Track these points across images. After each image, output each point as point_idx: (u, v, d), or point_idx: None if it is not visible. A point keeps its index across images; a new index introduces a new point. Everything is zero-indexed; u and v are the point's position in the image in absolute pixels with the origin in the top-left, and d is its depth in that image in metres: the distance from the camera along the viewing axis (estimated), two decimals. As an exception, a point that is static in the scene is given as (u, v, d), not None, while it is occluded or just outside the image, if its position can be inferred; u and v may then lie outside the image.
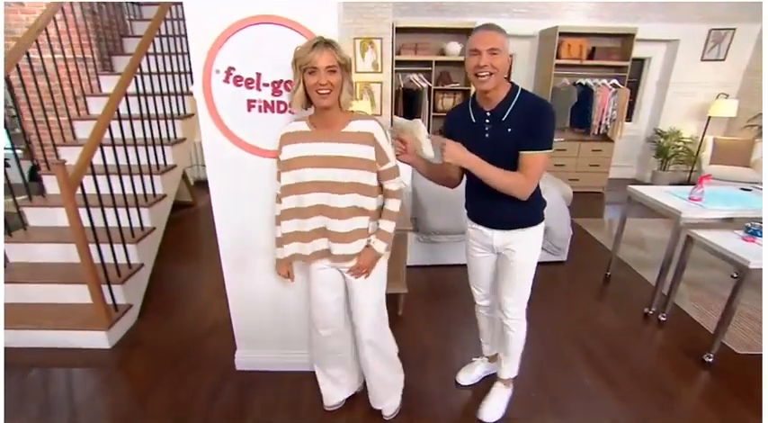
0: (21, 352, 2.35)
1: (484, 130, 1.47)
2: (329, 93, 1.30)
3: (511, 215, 1.58)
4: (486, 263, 1.77)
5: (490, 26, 1.37)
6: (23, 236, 2.80)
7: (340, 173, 1.39)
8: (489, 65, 1.34)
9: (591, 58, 4.95)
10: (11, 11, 3.60)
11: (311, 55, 1.26)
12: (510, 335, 1.79)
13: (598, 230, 4.17)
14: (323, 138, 1.40)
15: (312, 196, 1.43)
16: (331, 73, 1.29)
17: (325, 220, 1.47)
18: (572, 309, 2.79)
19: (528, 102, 1.43)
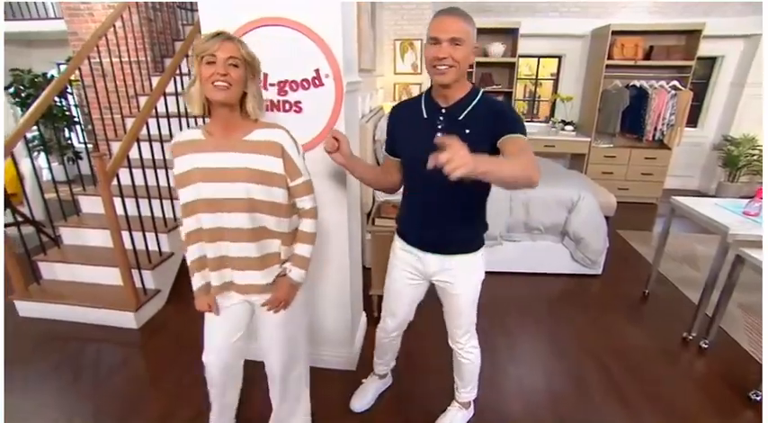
0: (64, 324, 2.61)
1: (436, 128, 1.27)
2: (227, 86, 1.11)
3: (452, 237, 1.40)
4: (414, 291, 1.57)
5: (455, 10, 1.18)
6: (76, 221, 3.08)
7: (238, 188, 1.19)
8: (450, 57, 1.16)
9: (647, 58, 4.58)
10: (82, 20, 3.99)
11: (210, 43, 1.10)
12: (466, 363, 1.65)
13: (643, 244, 3.85)
14: (219, 147, 1.20)
15: (210, 217, 1.23)
16: (232, 66, 1.12)
17: (227, 245, 1.26)
18: (599, 326, 2.60)
19: (489, 104, 1.26)
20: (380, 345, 1.83)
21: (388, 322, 1.70)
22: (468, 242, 1.44)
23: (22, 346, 2.42)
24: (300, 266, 1.34)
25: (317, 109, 1.65)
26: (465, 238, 1.43)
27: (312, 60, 1.58)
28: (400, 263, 1.54)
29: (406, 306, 1.63)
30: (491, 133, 1.20)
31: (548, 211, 3.13)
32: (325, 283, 2.00)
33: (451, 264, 1.44)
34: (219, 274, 1.30)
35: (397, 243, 1.55)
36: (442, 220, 1.38)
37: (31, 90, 5.46)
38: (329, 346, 2.12)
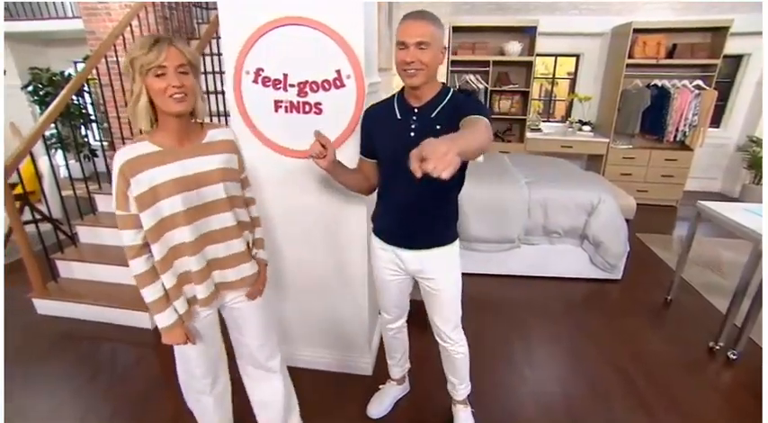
0: (80, 323, 2.63)
1: (410, 128, 1.31)
2: (185, 96, 1.07)
3: (428, 231, 1.43)
4: (399, 285, 1.59)
5: (421, 14, 1.20)
6: (92, 220, 3.09)
7: (218, 189, 1.20)
8: (417, 61, 1.19)
9: (670, 57, 4.45)
10: (100, 19, 4.02)
11: (155, 53, 1.01)
12: (458, 358, 1.66)
13: (664, 248, 3.75)
14: (184, 154, 1.15)
15: (192, 227, 1.17)
16: (183, 74, 1.06)
17: (215, 249, 1.24)
18: (620, 332, 2.53)
19: (458, 100, 1.30)
20: (387, 342, 1.85)
21: (386, 316, 1.74)
22: (443, 235, 1.47)
23: (39, 344, 2.44)
24: (263, 247, 1.42)
25: (338, 110, 1.61)
26: (440, 231, 1.46)
27: (333, 61, 1.54)
28: (380, 261, 1.56)
29: (397, 299, 1.66)
30: (456, 120, 1.20)
31: (567, 213, 3.06)
32: (342, 288, 1.97)
33: (429, 258, 1.46)
34: (206, 284, 1.24)
35: (375, 243, 1.57)
36: (417, 216, 1.42)
37: (49, 88, 5.52)
38: (345, 350, 2.10)
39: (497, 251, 3.11)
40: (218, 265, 1.27)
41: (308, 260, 1.93)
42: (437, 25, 1.21)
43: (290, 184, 1.78)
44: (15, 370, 2.21)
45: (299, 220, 1.86)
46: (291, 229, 1.89)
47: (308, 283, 1.98)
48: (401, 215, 1.44)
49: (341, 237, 1.86)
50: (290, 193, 1.80)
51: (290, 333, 2.12)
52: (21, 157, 2.51)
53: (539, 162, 3.89)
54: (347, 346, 2.09)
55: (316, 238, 1.88)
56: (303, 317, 2.06)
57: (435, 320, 1.59)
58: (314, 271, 1.95)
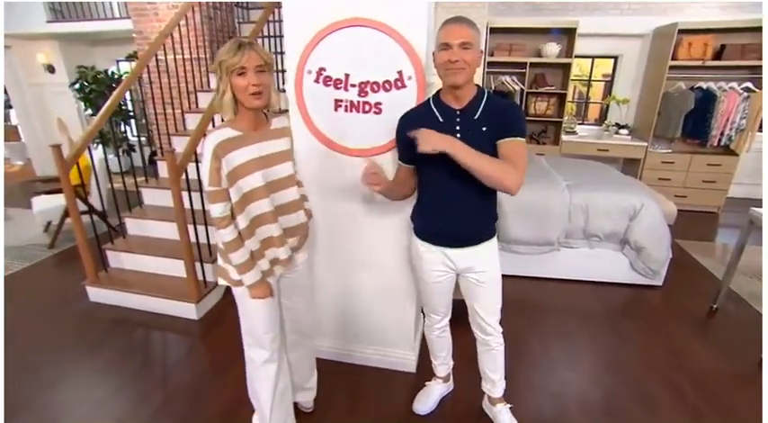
0: (129, 312, 2.73)
1: (455, 130, 1.35)
2: (262, 93, 1.27)
3: (472, 229, 1.49)
4: (447, 284, 1.63)
5: (461, 19, 1.29)
6: (139, 212, 3.21)
7: (288, 167, 1.42)
8: (461, 60, 1.26)
9: (717, 58, 4.30)
10: (148, 20, 4.16)
11: (239, 56, 1.21)
12: (497, 351, 1.70)
13: (705, 255, 3.64)
14: (260, 138, 1.36)
15: (269, 199, 1.37)
16: (260, 73, 1.25)
17: (287, 219, 1.45)
18: (663, 341, 2.47)
19: (497, 102, 1.38)
20: (430, 341, 1.88)
21: (433, 317, 1.77)
22: (490, 229, 1.53)
23: (93, 331, 2.55)
24: (311, 216, 1.62)
25: (397, 111, 1.61)
26: (487, 226, 1.52)
27: (396, 62, 1.57)
28: (427, 264, 1.58)
29: (444, 299, 1.69)
30: (501, 129, 1.33)
31: (608, 218, 3.01)
32: (390, 283, 1.99)
33: (479, 253, 1.51)
34: (285, 248, 1.44)
35: (420, 246, 1.58)
36: (467, 215, 1.46)
37: (93, 86, 5.75)
38: (390, 346, 2.12)
39: (537, 253, 3.09)
40: (291, 233, 1.47)
41: (357, 258, 1.96)
42: (476, 30, 1.30)
43: (343, 180, 1.82)
44: (72, 356, 2.32)
45: (351, 216, 1.89)
46: (342, 226, 1.92)
47: (358, 281, 2.01)
48: (451, 216, 1.47)
49: (389, 235, 1.89)
50: (344, 189, 1.84)
51: (338, 330, 2.16)
52: (81, 152, 2.63)
53: (576, 165, 3.83)
54: (392, 343, 2.11)
55: (366, 235, 1.91)
56: (350, 314, 2.10)
57: (480, 312, 1.62)
58: (363, 268, 1.98)
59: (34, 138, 6.35)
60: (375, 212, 1.87)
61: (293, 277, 1.58)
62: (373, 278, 1.99)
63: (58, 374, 2.17)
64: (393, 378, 2.11)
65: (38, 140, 6.36)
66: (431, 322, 1.79)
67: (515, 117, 1.36)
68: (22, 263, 3.41)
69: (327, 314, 2.13)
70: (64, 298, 2.88)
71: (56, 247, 3.69)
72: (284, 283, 1.57)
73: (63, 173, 2.55)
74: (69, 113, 6.14)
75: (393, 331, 2.08)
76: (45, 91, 6.17)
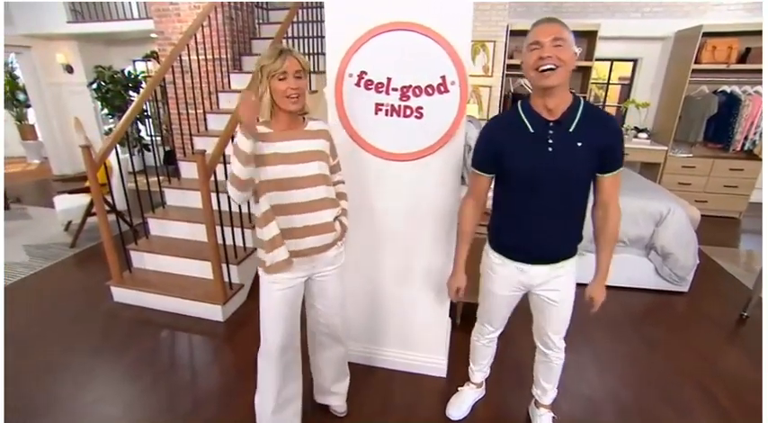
0: (154, 312, 2.73)
1: (547, 143, 1.25)
2: (298, 97, 1.34)
3: (562, 244, 1.42)
4: (512, 300, 1.58)
5: (551, 18, 1.21)
6: (162, 213, 3.22)
7: (313, 166, 1.41)
8: (554, 56, 1.14)
9: (742, 61, 4.25)
10: (169, 20, 4.18)
11: (280, 61, 1.28)
12: (556, 364, 1.67)
13: (730, 262, 3.60)
14: (287, 137, 1.40)
15: (288, 193, 1.39)
16: (298, 78, 1.32)
17: (304, 217, 1.43)
18: (693, 349, 2.43)
19: (596, 114, 1.27)
20: (476, 348, 1.84)
21: (487, 327, 1.72)
22: (572, 248, 1.45)
23: (119, 332, 2.56)
24: (346, 215, 1.58)
25: (439, 116, 1.62)
26: (570, 244, 1.44)
27: (439, 66, 1.56)
28: (500, 278, 1.52)
29: (504, 313, 1.65)
30: (599, 153, 1.26)
31: (634, 223, 2.97)
32: (424, 287, 1.98)
33: (559, 271, 1.44)
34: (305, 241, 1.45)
35: (495, 259, 1.51)
36: (553, 229, 1.37)
37: (110, 85, 5.79)
38: (422, 351, 2.11)
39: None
40: (311, 231, 1.44)
41: (393, 263, 1.95)
42: (569, 31, 1.19)
43: (381, 185, 1.81)
44: (101, 356, 2.32)
45: (387, 221, 1.88)
46: (378, 230, 1.91)
47: (391, 284, 2.00)
48: (533, 230, 1.37)
49: (426, 240, 1.88)
50: (381, 194, 1.83)
51: (368, 333, 2.14)
52: (108, 153, 2.63)
53: (598, 169, 3.80)
54: (424, 348, 2.10)
55: (401, 241, 1.90)
56: (382, 317, 2.09)
57: (546, 330, 1.58)
58: (397, 272, 1.97)
59: (51, 137, 6.40)
60: (411, 217, 1.85)
61: (323, 280, 1.57)
62: (407, 282, 1.97)
63: (88, 374, 2.17)
64: (423, 382, 2.10)
65: (55, 139, 6.41)
66: (482, 331, 1.75)
67: (620, 141, 1.28)
68: (46, 261, 3.43)
69: (358, 317, 2.11)
70: (89, 298, 2.89)
71: (77, 247, 3.71)
72: (313, 285, 1.58)
73: (92, 173, 2.55)
74: (86, 113, 6.19)
75: (425, 335, 2.07)
76: (63, 91, 6.22)
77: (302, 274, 1.51)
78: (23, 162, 7.39)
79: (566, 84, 1.22)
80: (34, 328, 2.56)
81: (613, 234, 1.38)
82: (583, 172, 1.28)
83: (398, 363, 2.14)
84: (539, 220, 1.35)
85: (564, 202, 1.31)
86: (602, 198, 1.34)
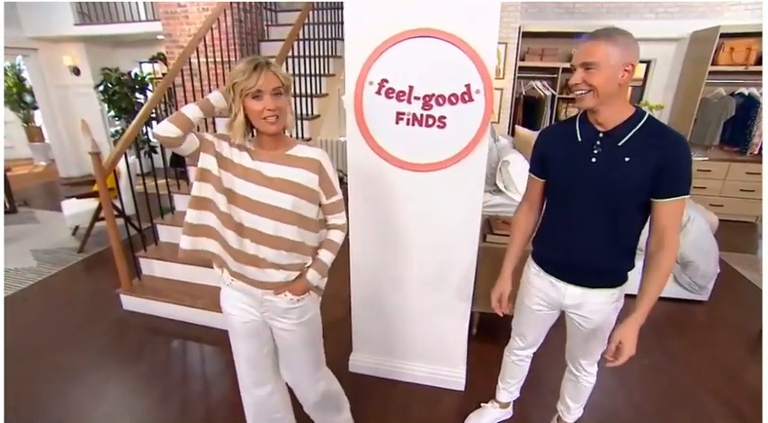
0: (164, 321, 2.69)
1: (591, 153, 1.21)
2: (277, 119, 1.15)
3: (601, 268, 1.29)
4: (546, 318, 1.51)
5: (595, 34, 1.12)
6: (171, 219, 3.17)
7: (283, 198, 1.21)
8: (582, 82, 1.13)
9: (760, 63, 4.16)
10: (177, 23, 4.14)
11: (254, 78, 1.09)
12: (586, 387, 1.61)
13: (750, 269, 3.51)
14: (265, 157, 1.22)
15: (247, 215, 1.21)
16: (277, 96, 1.14)
17: (258, 248, 1.23)
18: (718, 361, 2.37)
19: (657, 131, 1.16)
20: (505, 364, 1.77)
21: (518, 342, 1.66)
22: (614, 275, 1.33)
23: (130, 340, 2.52)
24: (319, 271, 1.33)
25: (462, 125, 1.57)
26: (612, 269, 1.32)
27: (464, 75, 1.50)
28: (533, 289, 1.47)
29: (537, 329, 1.58)
30: (653, 173, 1.14)
31: (653, 230, 2.91)
32: (443, 299, 1.92)
33: (592, 297, 1.34)
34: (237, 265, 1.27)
35: (532, 268, 1.48)
36: (591, 247, 1.28)
37: (116, 88, 5.76)
38: (440, 364, 2.06)
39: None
40: (256, 262, 1.24)
41: (413, 275, 1.90)
42: (614, 43, 1.09)
43: (400, 196, 1.76)
44: (111, 367, 2.28)
45: (406, 233, 1.82)
46: (397, 242, 1.86)
47: (411, 296, 1.95)
48: (567, 243, 1.31)
49: (447, 252, 1.82)
50: (401, 205, 1.78)
51: (385, 346, 2.10)
52: (118, 158, 2.59)
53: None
54: (442, 361, 2.05)
55: (421, 252, 1.85)
56: (398, 330, 2.03)
57: (576, 353, 1.53)
58: (414, 283, 1.92)
59: (58, 139, 6.39)
60: (431, 228, 1.80)
61: (280, 334, 1.37)
62: (427, 294, 1.92)
63: (103, 384, 2.14)
64: (441, 396, 2.05)
65: (62, 141, 6.39)
66: (513, 345, 1.69)
67: (684, 163, 1.14)
68: (55, 267, 3.40)
69: (375, 330, 2.07)
70: (98, 305, 2.85)
71: (85, 252, 3.67)
72: (275, 336, 1.40)
73: (101, 179, 2.51)
74: (92, 115, 6.16)
75: (443, 348, 2.02)
76: (69, 93, 6.20)
77: (252, 308, 1.32)
78: (30, 164, 7.38)
79: (614, 100, 1.16)
80: (44, 336, 2.52)
81: (665, 268, 1.19)
82: (628, 189, 1.18)
83: (416, 376, 2.09)
84: (573, 233, 1.29)
85: (603, 220, 1.23)
86: (657, 226, 1.20)
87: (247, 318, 1.34)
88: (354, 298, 2.03)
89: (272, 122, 1.15)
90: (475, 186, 1.67)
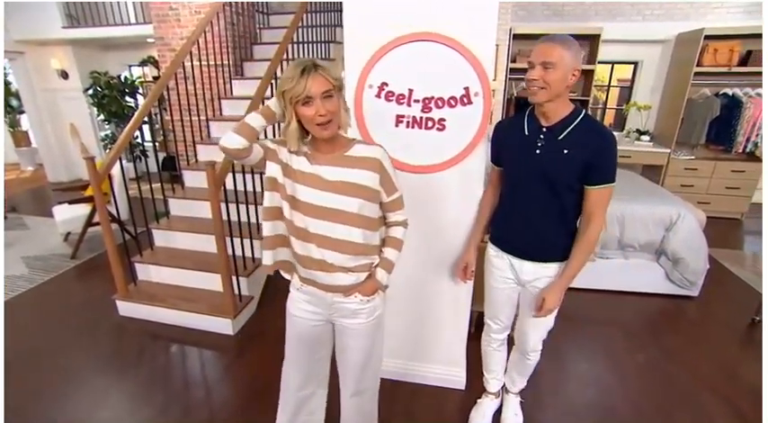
0: (162, 327, 2.67)
1: (536, 145, 1.36)
2: (329, 122, 1.13)
3: (549, 244, 1.46)
4: (510, 294, 1.62)
5: (553, 37, 1.26)
6: (166, 223, 3.15)
7: (349, 201, 1.20)
8: (540, 79, 1.25)
9: (743, 64, 4.28)
10: (169, 26, 4.11)
11: (303, 83, 1.08)
12: (530, 363, 1.75)
13: (737, 264, 3.61)
14: (324, 161, 1.21)
15: (316, 222, 1.22)
16: (327, 99, 1.11)
17: (327, 253, 1.24)
18: (711, 355, 2.43)
19: (590, 127, 1.32)
20: (486, 354, 1.87)
21: (492, 326, 1.76)
22: (561, 250, 1.46)
23: (128, 347, 2.50)
24: (386, 269, 1.34)
25: (461, 127, 1.60)
26: (562, 244, 1.46)
27: (463, 78, 1.53)
28: (494, 269, 1.60)
29: (507, 309, 1.67)
30: (586, 164, 1.30)
31: (644, 228, 2.97)
32: (442, 300, 1.95)
33: (547, 272, 1.48)
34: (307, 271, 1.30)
35: (491, 250, 1.61)
36: (539, 227, 1.44)
37: (106, 91, 5.70)
38: (442, 363, 2.08)
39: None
40: (324, 267, 1.25)
41: (413, 275, 1.91)
42: (568, 48, 1.24)
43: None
44: (110, 375, 2.26)
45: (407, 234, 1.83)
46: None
47: (411, 297, 1.97)
48: (520, 224, 1.47)
49: (446, 253, 1.84)
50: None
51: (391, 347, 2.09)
52: (113, 163, 2.57)
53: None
54: (444, 360, 2.07)
55: (421, 254, 1.87)
56: (404, 331, 2.05)
57: (524, 327, 1.64)
58: (418, 285, 1.94)
59: (46, 143, 6.28)
60: (431, 229, 1.82)
61: (345, 333, 1.38)
62: (427, 294, 1.94)
63: (103, 393, 2.12)
64: (444, 395, 2.07)
65: (50, 146, 6.29)
66: (488, 331, 1.79)
67: (611, 156, 1.31)
68: (47, 274, 3.35)
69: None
70: (94, 312, 2.82)
71: (77, 258, 3.63)
72: (338, 332, 1.41)
73: (96, 184, 2.49)
74: (82, 119, 6.09)
75: (444, 348, 2.04)
76: (57, 96, 6.10)
77: (319, 310, 1.33)
78: (17, 169, 7.25)
79: (560, 98, 1.31)
80: (40, 345, 2.49)
81: (587, 243, 1.39)
82: (566, 178, 1.34)
83: (418, 376, 2.11)
84: (526, 215, 1.45)
85: (547, 203, 1.39)
86: (587, 209, 1.38)
87: (314, 321, 1.35)
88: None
89: (324, 126, 1.13)
90: (474, 187, 1.70)
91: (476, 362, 2.14)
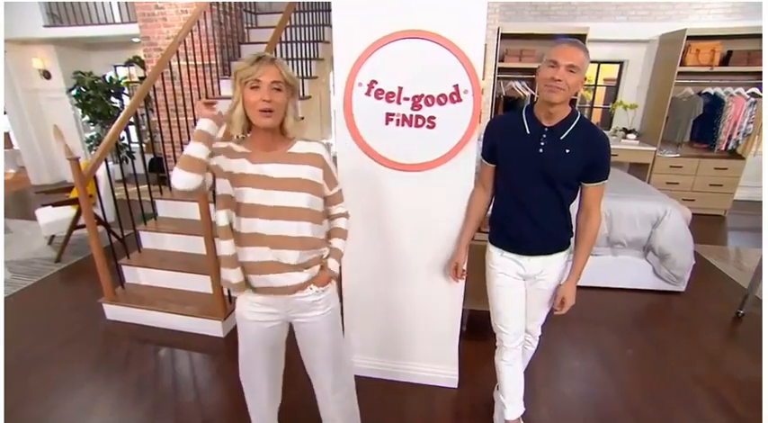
0: (150, 330, 2.62)
1: (539, 144, 1.39)
2: (272, 112, 1.13)
3: (553, 238, 1.51)
4: (518, 292, 1.60)
5: (576, 42, 1.32)
6: (154, 225, 3.11)
7: (296, 197, 1.21)
8: (564, 81, 1.28)
9: (724, 64, 4.38)
10: (155, 25, 4.05)
11: (255, 67, 1.10)
12: (531, 351, 1.79)
13: (721, 259, 3.68)
14: (267, 159, 1.20)
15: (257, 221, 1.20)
16: (275, 91, 1.13)
17: (279, 253, 1.23)
18: (698, 348, 2.47)
19: (588, 128, 1.40)
20: (501, 372, 1.69)
21: (503, 332, 1.64)
22: (566, 239, 1.54)
23: (117, 351, 2.46)
24: (337, 258, 1.37)
25: (452, 125, 1.60)
26: (564, 235, 1.53)
27: (452, 75, 1.54)
28: (499, 268, 1.59)
29: (519, 308, 1.62)
30: (586, 163, 1.38)
31: (632, 225, 3.01)
32: (433, 298, 1.95)
33: (553, 263, 1.54)
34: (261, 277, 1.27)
35: (494, 252, 1.59)
36: (544, 224, 1.47)
37: (90, 92, 5.59)
38: (435, 362, 2.08)
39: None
40: (273, 268, 1.24)
41: (405, 274, 1.92)
42: (587, 55, 1.32)
43: (391, 196, 1.78)
44: (98, 380, 2.22)
45: (397, 232, 1.84)
46: (388, 242, 1.87)
47: (402, 295, 1.97)
48: (526, 222, 1.48)
49: (437, 251, 1.85)
50: (392, 204, 1.80)
51: (378, 346, 2.11)
52: (98, 165, 2.53)
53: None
54: (435, 359, 2.07)
55: (412, 252, 1.87)
56: (391, 330, 2.05)
57: (530, 315, 1.66)
58: (405, 283, 1.94)
59: (28, 145, 6.15)
60: (422, 227, 1.82)
61: (305, 327, 1.37)
62: (418, 293, 1.94)
63: (93, 398, 2.08)
64: (435, 394, 2.07)
65: (32, 148, 6.17)
66: (500, 341, 1.66)
67: (606, 156, 1.39)
68: (31, 278, 3.27)
69: (368, 331, 2.08)
70: (80, 316, 2.77)
71: (62, 262, 3.56)
72: (296, 332, 1.40)
73: (81, 186, 2.44)
74: (65, 120, 5.97)
75: (436, 347, 2.04)
76: (40, 97, 5.98)
77: (275, 310, 1.32)
78: (-2, 172, 7.09)
79: (567, 100, 1.36)
80: (26, 351, 2.42)
81: (591, 237, 1.48)
82: (567, 176, 1.40)
83: (410, 375, 2.11)
84: (527, 215, 1.47)
85: (549, 200, 1.44)
86: (586, 204, 1.46)
87: (271, 322, 1.33)
88: (346, 299, 2.03)
89: (266, 115, 1.13)
90: (465, 185, 1.70)
91: (467, 361, 2.16)
